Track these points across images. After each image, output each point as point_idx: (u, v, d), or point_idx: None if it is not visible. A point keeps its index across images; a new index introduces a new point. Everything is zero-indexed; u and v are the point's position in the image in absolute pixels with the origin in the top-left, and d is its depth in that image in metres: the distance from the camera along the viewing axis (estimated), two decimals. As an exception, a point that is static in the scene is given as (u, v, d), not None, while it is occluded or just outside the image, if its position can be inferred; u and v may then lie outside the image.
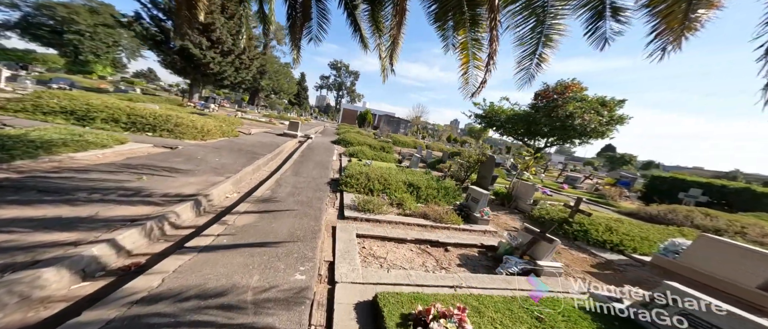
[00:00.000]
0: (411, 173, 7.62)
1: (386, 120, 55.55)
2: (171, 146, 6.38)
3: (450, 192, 6.14)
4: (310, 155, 9.65)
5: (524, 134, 14.95)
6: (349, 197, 5.35)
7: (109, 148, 4.86)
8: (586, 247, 4.95)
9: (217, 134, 8.92)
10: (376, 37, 5.16)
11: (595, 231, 5.07)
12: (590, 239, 5.03)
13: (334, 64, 69.32)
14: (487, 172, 7.17)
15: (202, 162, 5.73)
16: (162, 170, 4.63)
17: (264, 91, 35.45)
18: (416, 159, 9.52)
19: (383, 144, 14.83)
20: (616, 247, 4.92)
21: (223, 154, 6.94)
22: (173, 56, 15.47)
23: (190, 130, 7.54)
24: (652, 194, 10.88)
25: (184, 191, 4.02)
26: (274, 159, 8.32)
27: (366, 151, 11.03)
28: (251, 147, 8.72)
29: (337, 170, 8.05)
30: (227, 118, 13.86)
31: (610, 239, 4.98)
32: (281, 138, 12.71)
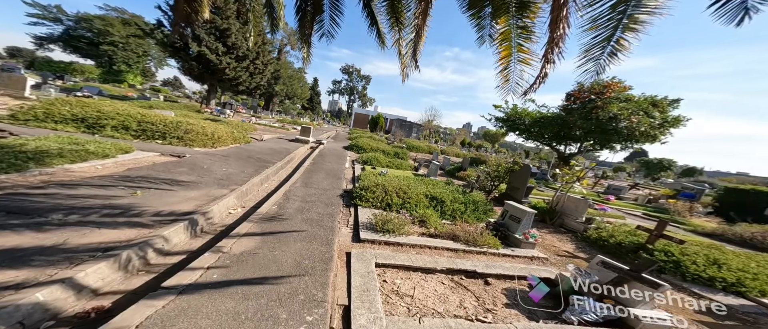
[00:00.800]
0: (431, 183, 6.89)
1: (398, 124, 54.95)
2: (179, 155, 6.07)
3: (480, 207, 5.35)
4: (321, 163, 9.17)
5: (552, 139, 13.69)
6: (364, 214, 4.72)
7: (110, 158, 4.54)
8: (682, 284, 3.86)
9: (229, 141, 8.65)
10: (394, 32, 4.55)
11: (693, 263, 3.96)
12: (686, 274, 3.92)
13: (345, 68, 70.01)
14: (520, 183, 6.31)
15: (208, 172, 5.33)
16: (162, 182, 4.22)
17: (278, 97, 36.05)
18: (435, 167, 8.76)
19: (397, 150, 14.18)
20: (732, 287, 3.76)
21: (232, 162, 6.56)
22: (191, 62, 15.80)
23: (200, 137, 7.27)
24: (726, 209, 9.25)
25: (180, 208, 3.55)
26: (285, 167, 7.88)
27: (380, 158, 10.42)
28: (261, 154, 8.36)
29: (350, 180, 7.47)
30: (241, 123, 13.79)
31: (719, 275, 3.84)
32: (293, 144, 12.40)
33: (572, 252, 4.62)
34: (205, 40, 15.59)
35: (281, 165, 7.70)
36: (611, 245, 4.51)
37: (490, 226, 4.56)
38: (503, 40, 3.29)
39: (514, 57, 3.25)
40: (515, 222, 4.26)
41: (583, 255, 4.54)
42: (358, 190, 5.51)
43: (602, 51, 2.58)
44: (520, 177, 6.39)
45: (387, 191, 5.43)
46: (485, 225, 4.77)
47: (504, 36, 3.32)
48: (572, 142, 13.10)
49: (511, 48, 3.16)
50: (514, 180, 6.60)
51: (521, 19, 3.09)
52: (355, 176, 7.69)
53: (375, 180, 5.83)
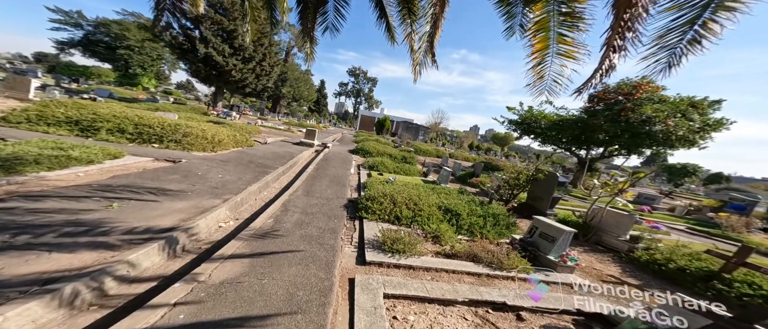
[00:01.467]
0: (443, 192, 6.30)
1: (404, 126, 54.43)
2: (174, 159, 5.70)
3: (501, 221, 4.73)
4: (325, 168, 8.70)
5: (571, 143, 12.79)
6: (370, 229, 4.18)
7: (95, 165, 4.17)
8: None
9: (230, 144, 8.30)
10: (405, 25, 4.04)
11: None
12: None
13: (352, 70, 70.21)
14: (545, 193, 5.65)
15: (201, 180, 4.91)
16: (147, 192, 3.80)
17: (285, 99, 36.16)
18: (446, 173, 8.15)
19: (404, 154, 13.62)
20: None
21: (230, 168, 6.16)
22: (198, 64, 15.79)
23: (199, 140, 6.92)
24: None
25: (160, 223, 3.10)
26: (286, 173, 7.44)
27: (387, 163, 9.89)
28: (263, 159, 7.96)
29: (356, 187, 6.95)
30: (245, 126, 13.54)
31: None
32: (297, 147, 12.02)
33: (618, 276, 3.95)
34: (212, 41, 15.55)
35: (283, 170, 7.26)
36: (670, 271, 3.79)
37: (516, 245, 3.95)
38: (538, 31, 2.73)
39: (551, 50, 2.69)
40: (547, 241, 3.63)
41: (633, 281, 3.86)
42: (363, 201, 4.98)
43: (681, 37, 1.99)
44: (545, 186, 5.72)
45: (396, 202, 4.88)
46: (509, 242, 4.16)
47: (539, 25, 2.76)
48: (595, 146, 12.17)
49: (549, 39, 2.60)
50: (537, 189, 5.94)
51: (566, 4, 2.52)
52: (361, 183, 7.18)
53: (382, 190, 5.29)
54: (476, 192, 8.57)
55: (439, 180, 8.31)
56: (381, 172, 8.81)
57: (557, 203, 6.39)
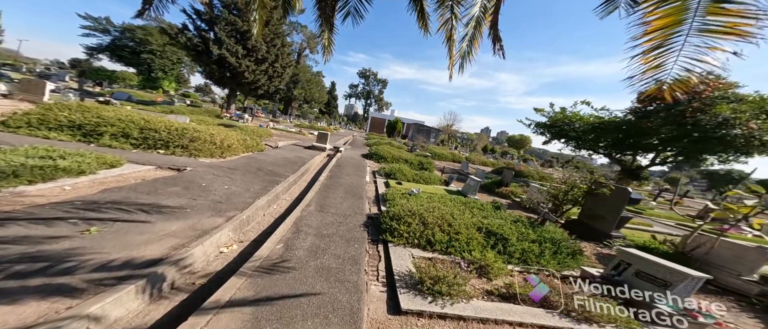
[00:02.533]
0: (477, 208, 5.49)
1: (416, 129, 53.51)
2: (178, 168, 5.21)
3: (563, 249, 3.85)
4: (339, 175, 8.06)
5: (612, 148, 11.46)
6: (399, 258, 3.45)
7: (87, 176, 3.68)
8: None
9: (239, 149, 7.82)
10: (444, 10, 3.34)
11: None
12: None
13: (362, 72, 70.08)
14: (610, 211, 4.71)
15: (205, 192, 4.35)
16: (138, 210, 3.24)
17: (297, 101, 36.22)
18: (474, 183, 7.30)
19: (421, 159, 12.82)
20: None
21: (237, 177, 5.61)
22: (212, 66, 15.71)
23: (207, 146, 6.45)
24: None
25: (145, 253, 2.50)
26: (298, 182, 6.84)
27: (404, 170, 9.13)
28: (274, 165, 7.41)
29: (374, 199, 6.24)
30: (257, 129, 13.20)
31: None
32: (309, 151, 11.49)
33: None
34: (226, 42, 15.43)
35: (294, 179, 6.67)
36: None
37: (595, 282, 3.07)
38: (663, 1, 1.92)
39: (689, 24, 1.85)
40: (652, 284, 2.75)
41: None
42: (387, 220, 4.26)
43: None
44: (611, 203, 4.73)
45: (426, 223, 4.13)
46: (579, 276, 3.29)
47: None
48: (644, 152, 10.82)
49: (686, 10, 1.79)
50: (597, 205, 4.97)
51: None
52: (379, 195, 6.47)
53: (408, 208, 4.55)
54: (507, 203, 7.66)
55: (466, 191, 7.47)
56: (399, 181, 8.07)
57: (626, 223, 5.35)
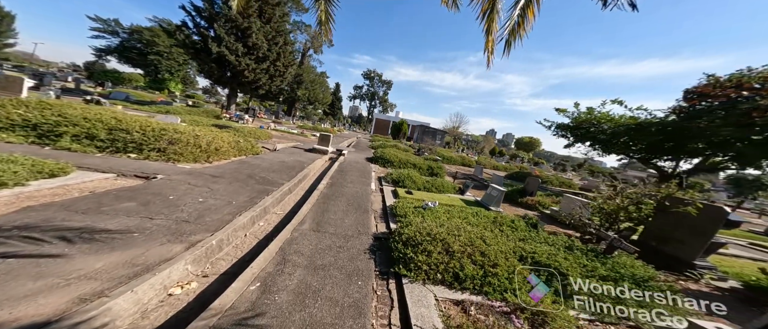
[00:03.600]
0: (505, 224, 4.50)
1: (421, 130, 52.49)
2: (146, 176, 4.35)
3: (654, 291, 2.80)
4: (341, 183, 7.14)
5: (647, 151, 10.23)
6: (419, 304, 2.49)
7: (11, 188, 2.82)
8: None
9: (231, 153, 6.98)
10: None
11: None
12: None
13: (367, 73, 69.42)
14: (693, 235, 3.67)
15: (169, 208, 3.47)
16: (59, 237, 2.36)
17: (300, 101, 35.56)
18: (497, 193, 6.29)
19: (430, 163, 11.83)
20: None
21: (220, 186, 4.73)
22: (210, 64, 15.05)
23: (189, 149, 5.61)
24: None
25: (23, 314, 1.60)
26: (294, 190, 5.94)
27: (414, 177, 8.17)
28: (267, 171, 6.53)
29: (381, 213, 5.29)
30: (255, 130, 12.42)
31: None
32: (309, 154, 10.61)
33: None
34: (226, 40, 14.75)
35: (289, 188, 5.77)
36: None
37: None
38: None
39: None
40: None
41: None
42: (399, 246, 3.31)
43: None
44: (696, 225, 3.66)
45: (451, 250, 3.17)
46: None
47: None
48: (688, 156, 9.57)
49: None
50: (671, 226, 3.91)
51: None
52: (387, 207, 5.52)
53: (425, 228, 3.61)
54: (536, 216, 6.61)
55: (488, 202, 6.46)
56: (409, 190, 7.11)
57: (717, 250, 4.22)
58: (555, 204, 7.16)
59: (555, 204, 7.16)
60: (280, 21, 17.29)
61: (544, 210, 7.00)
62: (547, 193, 8.41)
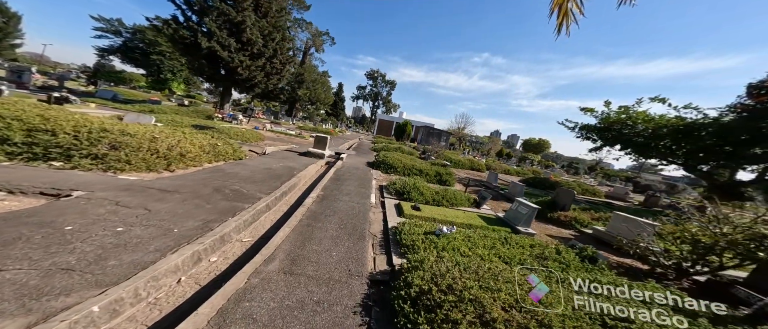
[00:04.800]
0: (552, 257, 3.24)
1: (426, 132, 51.20)
2: (58, 192, 3.20)
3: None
4: (335, 195, 5.94)
5: (695, 156, 8.79)
6: None
7: None
8: None
9: (203, 158, 5.84)
10: None
11: None
12: None
13: (370, 73, 68.41)
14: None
15: (56, 245, 2.30)
16: None
17: (301, 101, 34.55)
18: (527, 211, 5.00)
19: (439, 169, 10.58)
20: None
21: (166, 206, 3.55)
22: (201, 60, 14.04)
23: (141, 155, 4.45)
24: None
25: None
26: (275, 207, 4.75)
27: (421, 186, 6.94)
28: (244, 182, 5.36)
29: (381, 239, 4.06)
30: (247, 132, 11.31)
31: None
32: (303, 159, 9.45)
33: None
34: (217, 34, 13.73)
35: (269, 203, 4.58)
36: None
37: None
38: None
39: None
40: None
41: None
42: (408, 310, 2.12)
43: None
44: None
45: (491, 321, 1.93)
46: None
47: None
48: (751, 163, 8.12)
49: None
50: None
51: None
52: (389, 229, 4.29)
53: (446, 273, 2.38)
54: (573, 236, 5.31)
55: (514, 220, 5.19)
56: (416, 204, 5.86)
57: None
58: (597, 221, 5.85)
59: (597, 221, 5.85)
60: (277, 16, 16.26)
61: (584, 229, 5.69)
62: (582, 207, 7.06)
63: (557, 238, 5.33)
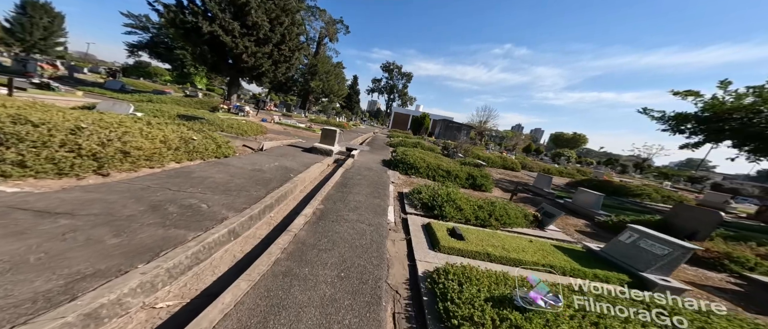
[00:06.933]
0: None
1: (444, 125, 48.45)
2: None
3: None
4: (338, 211, 4.23)
5: None
6: None
7: None
8: None
9: (167, 156, 4.37)
10: None
11: None
12: None
13: (386, 66, 65.95)
14: None
15: None
16: None
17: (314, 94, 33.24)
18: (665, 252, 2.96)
19: (471, 170, 8.58)
20: None
21: (14, 248, 1.99)
22: (202, 47, 12.91)
23: (45, 153, 2.99)
24: None
25: None
26: (241, 236, 3.09)
27: (456, 198, 5.07)
28: (211, 192, 3.78)
29: (408, 298, 2.25)
30: (248, 124, 9.94)
31: None
32: (307, 156, 7.86)
33: None
34: (220, 17, 12.46)
35: (235, 228, 2.94)
36: None
37: None
38: None
39: None
40: None
41: None
42: None
43: None
44: None
45: None
46: None
47: None
48: None
49: None
50: None
51: None
52: (419, 280, 2.48)
53: None
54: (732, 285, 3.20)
55: (633, 262, 3.16)
56: (456, 228, 3.99)
57: None
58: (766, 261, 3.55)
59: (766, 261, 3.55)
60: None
61: (751, 274, 3.46)
62: (722, 233, 4.51)
63: (704, 290, 3.26)
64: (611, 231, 5.19)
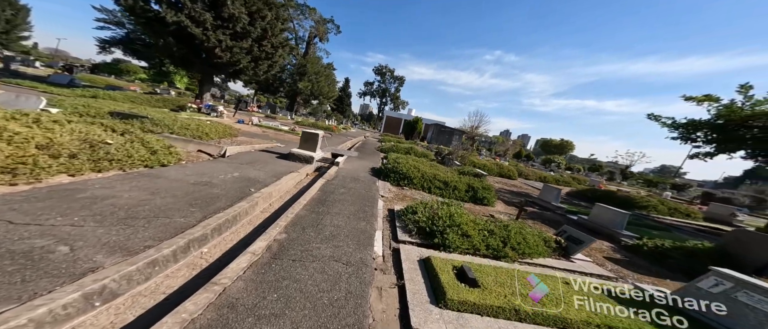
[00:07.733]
0: None
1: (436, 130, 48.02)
2: None
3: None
4: (307, 242, 3.02)
5: None
6: None
7: None
8: None
9: (55, 167, 3.06)
10: None
11: None
12: None
13: (378, 69, 65.28)
14: None
15: None
16: None
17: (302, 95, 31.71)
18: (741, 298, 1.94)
19: (471, 180, 7.60)
20: None
21: None
22: (167, 38, 11.39)
23: None
24: None
25: None
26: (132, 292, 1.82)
27: (461, 219, 4.00)
28: (94, 224, 2.50)
29: None
30: (208, 125, 8.55)
31: None
32: (281, 164, 6.62)
33: None
34: (188, 6, 11.03)
35: (104, 285, 1.69)
36: None
37: None
38: None
39: None
40: None
41: None
42: None
43: None
44: None
45: None
46: None
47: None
48: None
49: None
50: None
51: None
52: None
53: None
54: None
55: (724, 323, 2.15)
56: (466, 267, 2.88)
57: None
58: None
59: None
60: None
61: None
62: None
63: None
64: (645, 258, 4.28)
